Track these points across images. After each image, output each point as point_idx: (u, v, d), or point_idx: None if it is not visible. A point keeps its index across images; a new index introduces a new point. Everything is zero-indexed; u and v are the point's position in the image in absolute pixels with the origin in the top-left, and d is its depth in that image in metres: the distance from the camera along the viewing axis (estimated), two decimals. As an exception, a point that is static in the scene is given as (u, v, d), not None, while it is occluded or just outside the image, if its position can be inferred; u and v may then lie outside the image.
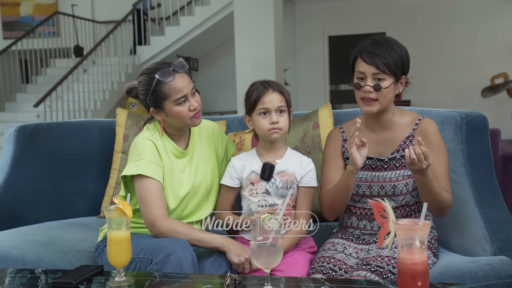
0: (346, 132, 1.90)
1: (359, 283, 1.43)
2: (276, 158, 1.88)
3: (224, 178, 1.92)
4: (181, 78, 1.82)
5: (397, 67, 1.74)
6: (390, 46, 1.75)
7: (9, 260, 2.01)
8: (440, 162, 1.76)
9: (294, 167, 1.86)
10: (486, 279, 1.64)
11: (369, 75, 1.74)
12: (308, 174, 1.87)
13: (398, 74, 1.75)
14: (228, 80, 8.74)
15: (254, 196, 1.85)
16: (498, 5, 8.42)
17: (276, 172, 1.85)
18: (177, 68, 1.82)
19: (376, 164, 1.82)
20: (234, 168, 1.89)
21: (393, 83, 1.74)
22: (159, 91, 1.80)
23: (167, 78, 1.79)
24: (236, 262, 1.71)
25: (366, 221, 1.85)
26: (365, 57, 1.74)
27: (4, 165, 2.38)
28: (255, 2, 5.99)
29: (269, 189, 1.84)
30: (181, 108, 1.81)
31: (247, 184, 1.87)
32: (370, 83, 1.74)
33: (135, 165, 1.81)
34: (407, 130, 1.82)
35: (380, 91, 1.73)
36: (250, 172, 1.87)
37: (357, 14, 9.04)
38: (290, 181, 1.84)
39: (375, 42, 1.76)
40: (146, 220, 1.79)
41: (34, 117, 7.59)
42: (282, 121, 1.81)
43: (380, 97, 1.74)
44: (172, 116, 1.83)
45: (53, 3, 9.78)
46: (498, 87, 7.95)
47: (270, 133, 1.81)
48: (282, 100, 1.82)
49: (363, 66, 1.75)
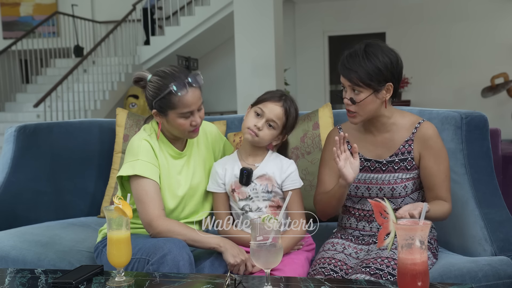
0: (345, 132, 1.89)
1: (359, 283, 1.43)
2: (256, 162, 1.86)
3: (210, 185, 1.91)
4: (193, 93, 1.79)
5: (372, 79, 1.69)
6: (367, 57, 1.70)
7: (9, 260, 2.01)
8: (439, 168, 1.75)
9: (274, 171, 1.84)
10: (486, 279, 1.64)
11: (347, 87, 1.75)
12: (290, 176, 1.84)
13: (375, 85, 1.70)
14: (228, 80, 8.74)
15: (237, 201, 1.85)
16: (498, 5, 8.42)
17: (256, 177, 1.84)
18: (193, 81, 1.79)
19: (374, 166, 1.82)
20: (217, 174, 1.88)
21: (371, 94, 1.71)
22: (168, 100, 1.78)
23: (181, 91, 1.76)
24: (232, 263, 1.70)
25: (365, 222, 1.85)
26: (341, 71, 1.75)
27: (4, 165, 2.38)
28: (255, 2, 5.99)
29: (250, 193, 1.84)
30: (184, 122, 1.81)
31: (230, 189, 1.86)
32: (348, 95, 1.75)
33: (131, 166, 1.81)
34: (406, 133, 1.80)
35: (356, 104, 1.72)
36: (231, 176, 1.86)
37: (357, 14, 9.04)
38: (271, 185, 1.83)
39: (352, 54, 1.73)
40: (143, 220, 1.79)
41: (34, 117, 7.59)
42: (264, 133, 1.80)
43: (358, 110, 1.74)
44: (172, 126, 1.83)
45: (53, 3, 9.78)
46: (498, 87, 7.95)
47: (246, 131, 1.81)
48: (279, 119, 1.80)
49: (342, 78, 1.77)
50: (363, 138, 1.86)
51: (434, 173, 1.75)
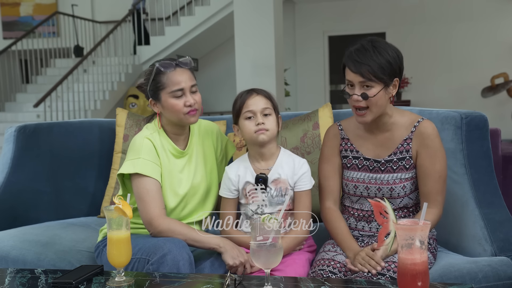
0: (345, 129, 1.89)
1: (359, 283, 1.43)
2: (268, 166, 1.85)
3: (222, 190, 1.90)
4: (182, 73, 1.84)
5: (384, 73, 1.67)
6: (376, 51, 1.68)
7: (9, 260, 2.01)
8: (434, 168, 1.74)
9: (287, 173, 1.83)
10: (486, 280, 1.64)
11: (356, 84, 1.70)
12: (302, 177, 1.83)
13: (386, 80, 1.69)
14: (228, 80, 8.74)
15: (250, 205, 1.85)
16: (498, 5, 8.42)
17: (270, 181, 1.83)
18: (181, 63, 1.85)
19: (373, 165, 1.81)
20: (230, 180, 1.87)
21: (382, 89, 1.69)
22: (158, 81, 1.83)
23: (167, 68, 1.82)
24: (231, 264, 1.70)
25: (364, 222, 1.85)
26: (351, 66, 1.70)
27: (4, 165, 2.38)
28: (255, 2, 5.99)
29: (264, 198, 1.83)
30: (176, 102, 1.82)
31: (243, 194, 1.86)
32: (358, 92, 1.70)
33: (132, 164, 1.81)
34: (405, 132, 1.79)
35: (368, 99, 1.69)
36: (245, 182, 1.85)
37: (357, 14, 9.04)
38: (285, 188, 1.83)
39: (360, 48, 1.70)
40: (144, 219, 1.79)
41: (34, 117, 7.59)
42: (268, 122, 1.79)
43: (370, 105, 1.70)
44: (167, 109, 1.84)
45: (53, 3, 9.78)
46: (498, 87, 7.95)
47: (256, 134, 1.78)
48: (267, 103, 1.80)
49: (350, 74, 1.71)
50: (364, 136, 1.85)
51: (428, 173, 1.73)
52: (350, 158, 1.85)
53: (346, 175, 1.86)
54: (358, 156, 1.83)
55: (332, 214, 1.84)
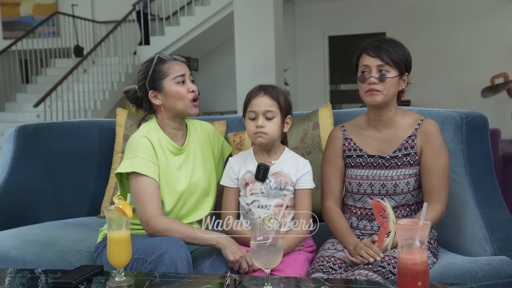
0: (348, 130, 1.92)
1: (359, 283, 1.43)
2: (272, 159, 1.87)
3: (223, 179, 1.91)
4: (180, 63, 1.91)
5: (401, 62, 1.78)
6: (394, 43, 1.81)
7: (9, 260, 2.01)
8: (438, 165, 1.77)
9: (290, 169, 1.85)
10: (486, 279, 1.64)
11: (373, 67, 1.77)
12: (304, 176, 1.85)
13: (402, 69, 1.78)
14: (228, 80, 8.73)
15: (248, 196, 1.85)
16: (498, 5, 8.42)
17: (271, 173, 1.84)
18: (176, 57, 1.93)
19: (377, 162, 1.83)
20: (232, 169, 1.89)
21: (398, 76, 1.77)
22: (159, 70, 1.87)
23: (167, 58, 1.90)
24: (231, 259, 1.71)
25: (366, 221, 1.85)
26: (370, 51, 1.78)
27: (4, 165, 2.38)
28: (255, 2, 5.99)
29: (263, 190, 1.84)
30: (180, 88, 1.87)
31: (242, 184, 1.87)
32: (375, 75, 1.77)
33: (129, 163, 1.81)
34: (409, 129, 1.83)
35: (385, 81, 1.75)
36: (246, 172, 1.87)
37: (357, 14, 9.04)
38: (284, 182, 1.83)
39: (380, 39, 1.81)
40: (141, 219, 1.79)
41: (34, 117, 7.59)
42: (268, 126, 1.79)
43: (384, 89, 1.76)
44: (171, 96, 1.86)
45: (53, 3, 9.78)
46: (498, 87, 7.94)
47: (255, 136, 1.81)
48: (271, 105, 1.79)
49: (368, 59, 1.78)
50: (367, 134, 1.88)
51: (432, 169, 1.77)
52: (354, 157, 1.87)
53: (349, 173, 1.88)
54: (362, 154, 1.86)
55: (333, 212, 1.87)
